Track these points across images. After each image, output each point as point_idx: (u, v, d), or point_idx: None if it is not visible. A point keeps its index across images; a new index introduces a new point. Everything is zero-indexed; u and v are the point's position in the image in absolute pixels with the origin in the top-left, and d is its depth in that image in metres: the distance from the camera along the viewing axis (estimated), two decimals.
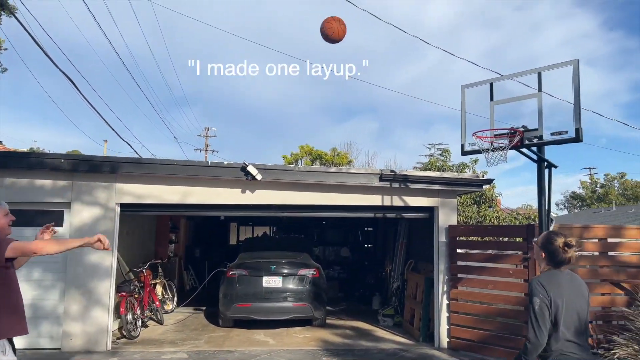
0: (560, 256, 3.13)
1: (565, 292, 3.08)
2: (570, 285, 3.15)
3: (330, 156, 24.47)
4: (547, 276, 3.17)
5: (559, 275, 3.15)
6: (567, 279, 3.17)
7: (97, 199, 7.88)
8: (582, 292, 3.18)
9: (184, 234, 14.54)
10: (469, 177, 8.04)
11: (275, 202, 8.31)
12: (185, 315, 10.64)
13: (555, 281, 3.11)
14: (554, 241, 3.16)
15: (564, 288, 3.10)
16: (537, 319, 3.02)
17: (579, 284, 3.21)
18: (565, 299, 3.06)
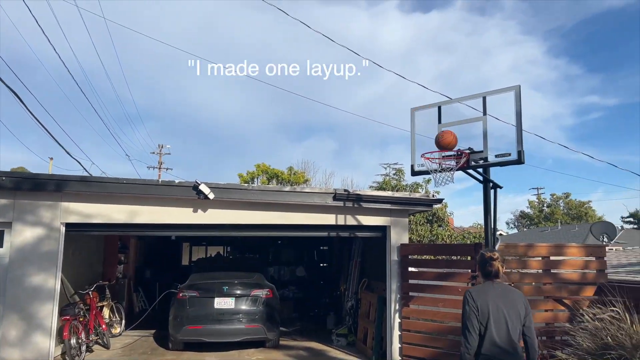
0: (487, 269, 3.63)
1: (493, 302, 3.49)
2: (500, 296, 3.55)
3: (287, 175, 24.46)
4: (478, 288, 3.66)
5: (489, 287, 3.60)
6: (497, 290, 3.60)
7: (41, 219, 7.57)
8: (513, 303, 3.56)
9: (134, 254, 14.11)
10: (420, 197, 8.23)
11: (229, 221, 8.23)
12: (133, 338, 10.27)
13: (484, 292, 3.57)
14: (484, 255, 3.70)
15: (493, 298, 3.51)
16: (467, 325, 3.48)
17: (510, 295, 3.62)
18: (492, 308, 3.47)
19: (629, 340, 5.30)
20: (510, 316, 3.50)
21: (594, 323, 5.73)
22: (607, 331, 5.51)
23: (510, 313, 3.51)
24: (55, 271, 7.55)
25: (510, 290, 3.69)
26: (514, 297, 3.61)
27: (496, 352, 3.42)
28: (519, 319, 3.56)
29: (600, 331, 5.59)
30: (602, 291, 6.79)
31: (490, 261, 3.63)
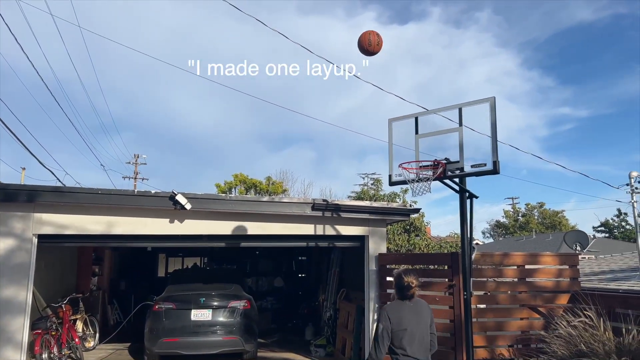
0: (404, 292, 4.01)
1: (407, 319, 3.91)
2: (413, 312, 3.98)
3: (265, 185, 24.37)
4: (393, 306, 4.06)
5: (403, 305, 4.01)
6: (411, 307, 4.01)
7: (12, 230, 7.38)
8: (423, 317, 4.02)
9: (109, 265, 13.84)
10: (397, 207, 8.29)
11: (206, 232, 8.15)
12: (107, 352, 10.04)
13: (399, 309, 3.98)
14: (403, 280, 4.02)
15: (407, 315, 3.94)
16: (378, 340, 3.86)
17: (421, 310, 4.06)
18: (406, 323, 3.88)
19: (602, 346, 5.41)
20: (422, 330, 3.98)
21: (568, 330, 5.84)
22: (580, 338, 5.62)
23: (422, 328, 3.99)
24: (27, 283, 7.36)
25: (420, 305, 4.12)
26: (424, 312, 4.08)
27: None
28: (428, 332, 4.05)
29: (574, 338, 5.70)
30: (575, 299, 6.92)
31: (409, 287, 4.02)
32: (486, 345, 7.14)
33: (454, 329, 7.09)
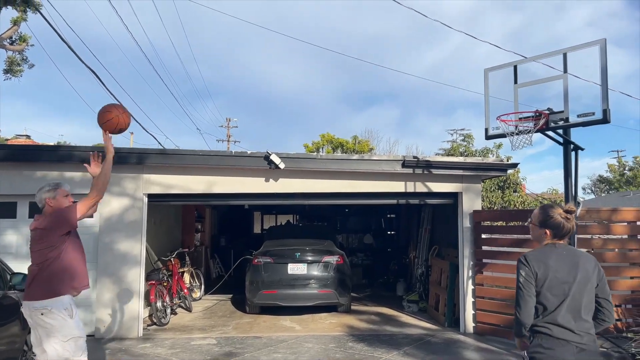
0: (565, 228, 2.95)
1: (558, 269, 2.87)
2: (569, 262, 2.91)
3: (352, 144, 24.43)
4: (537, 252, 2.98)
5: (553, 251, 2.94)
6: (564, 255, 2.94)
7: (125, 190, 8.06)
8: (584, 272, 2.88)
9: (209, 223, 14.76)
10: (493, 162, 7.96)
11: (299, 190, 8.38)
12: (212, 302, 10.85)
13: (545, 257, 2.93)
14: (554, 214, 2.98)
15: (557, 264, 2.89)
16: (521, 295, 2.87)
17: (580, 261, 2.92)
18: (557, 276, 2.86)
19: None
20: (581, 284, 2.86)
21: None
22: None
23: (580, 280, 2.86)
24: (141, 238, 8.06)
25: (578, 254, 3.01)
26: (584, 261, 2.94)
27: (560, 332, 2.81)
28: (592, 286, 2.90)
29: None
30: None
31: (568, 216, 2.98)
32: None
33: None
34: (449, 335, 7.78)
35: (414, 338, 7.68)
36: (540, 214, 3.05)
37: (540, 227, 3.01)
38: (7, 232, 8.03)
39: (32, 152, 8.12)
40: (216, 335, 7.90)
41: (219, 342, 7.45)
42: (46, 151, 8.02)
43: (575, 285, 2.84)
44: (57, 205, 3.85)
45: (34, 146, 8.50)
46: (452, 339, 7.59)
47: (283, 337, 7.75)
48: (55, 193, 3.89)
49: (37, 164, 8.01)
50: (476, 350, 6.91)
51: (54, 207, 3.84)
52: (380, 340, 7.48)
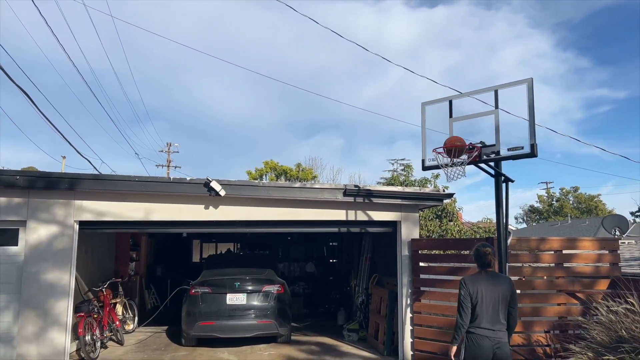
0: (483, 260, 4.43)
1: (483, 288, 4.28)
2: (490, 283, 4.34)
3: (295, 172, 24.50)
4: (472, 276, 4.43)
5: (481, 275, 4.40)
6: (488, 277, 4.39)
7: (55, 217, 7.65)
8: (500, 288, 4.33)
9: (145, 251, 14.20)
10: (430, 192, 8.22)
11: (240, 217, 8.27)
12: (146, 335, 10.36)
13: (477, 280, 4.35)
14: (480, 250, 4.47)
15: (484, 285, 4.30)
16: (462, 306, 4.28)
17: (498, 281, 4.40)
18: (483, 293, 4.26)
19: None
20: (497, 299, 4.29)
21: (608, 316, 5.70)
22: (621, 324, 5.49)
23: (497, 298, 4.29)
24: (70, 268, 7.64)
25: (498, 277, 4.52)
26: (503, 284, 4.40)
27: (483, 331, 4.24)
28: (506, 300, 4.34)
29: (615, 324, 5.56)
30: (616, 284, 6.76)
31: (485, 254, 4.45)
32: (522, 331, 7.06)
33: None
34: None
35: None
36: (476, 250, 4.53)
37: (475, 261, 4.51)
38: None
39: None
40: None
41: None
42: None
43: (496, 300, 4.26)
44: None
45: None
46: None
47: None
48: None
49: None
50: None
51: None
52: None
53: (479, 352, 4.20)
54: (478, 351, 4.20)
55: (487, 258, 4.42)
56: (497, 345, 4.22)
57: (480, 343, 4.20)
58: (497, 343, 4.22)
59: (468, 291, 4.28)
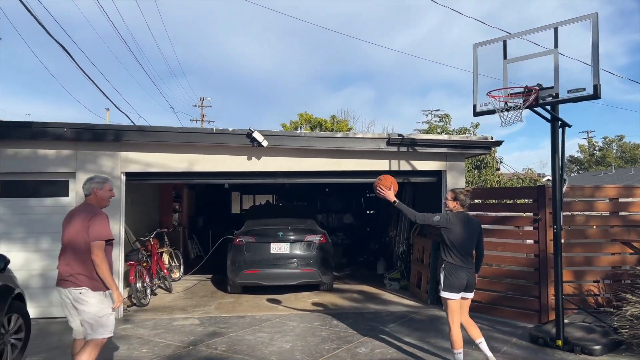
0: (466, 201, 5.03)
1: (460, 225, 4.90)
2: (466, 222, 4.96)
3: (330, 123, 24.26)
4: (455, 213, 5.01)
5: (461, 214, 5.00)
6: (465, 217, 5.01)
7: (102, 168, 7.78)
8: (474, 228, 5.02)
9: (187, 203, 14.49)
10: (478, 139, 7.94)
11: (281, 169, 8.24)
12: (192, 282, 10.69)
13: (457, 217, 4.96)
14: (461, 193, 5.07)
15: (461, 223, 4.92)
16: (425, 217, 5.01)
17: (472, 221, 5.05)
18: (459, 230, 4.89)
19: None
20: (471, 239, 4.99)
21: None
22: None
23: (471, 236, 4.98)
24: (119, 218, 7.82)
25: (471, 218, 5.11)
26: (474, 225, 5.06)
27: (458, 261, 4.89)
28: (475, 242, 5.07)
29: None
30: None
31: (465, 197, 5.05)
32: (573, 280, 6.92)
33: (539, 264, 6.91)
34: (432, 312, 7.83)
35: (398, 315, 7.71)
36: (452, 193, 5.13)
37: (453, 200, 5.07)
38: None
39: (3, 128, 7.72)
40: (199, 315, 7.77)
41: (202, 322, 7.33)
42: (18, 127, 7.64)
43: (468, 237, 4.94)
44: (102, 196, 4.45)
45: (5, 122, 8.10)
46: (435, 315, 7.63)
47: (267, 316, 7.67)
48: (103, 185, 4.49)
49: (8, 140, 7.65)
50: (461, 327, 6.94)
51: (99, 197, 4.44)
52: (365, 318, 7.48)
53: (455, 281, 4.87)
54: (455, 280, 4.87)
55: (466, 199, 5.03)
56: (468, 273, 4.93)
57: (457, 271, 4.88)
58: (467, 271, 4.92)
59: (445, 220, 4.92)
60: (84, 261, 4.12)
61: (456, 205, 5.04)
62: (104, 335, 4.22)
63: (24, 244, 7.67)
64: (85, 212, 4.27)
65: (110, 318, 4.27)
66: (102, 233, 4.16)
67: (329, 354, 5.70)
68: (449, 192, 5.18)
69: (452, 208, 5.05)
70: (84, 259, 4.12)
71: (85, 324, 4.18)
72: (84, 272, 4.13)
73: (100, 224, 4.17)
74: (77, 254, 4.15)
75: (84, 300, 4.14)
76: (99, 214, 4.26)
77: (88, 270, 4.13)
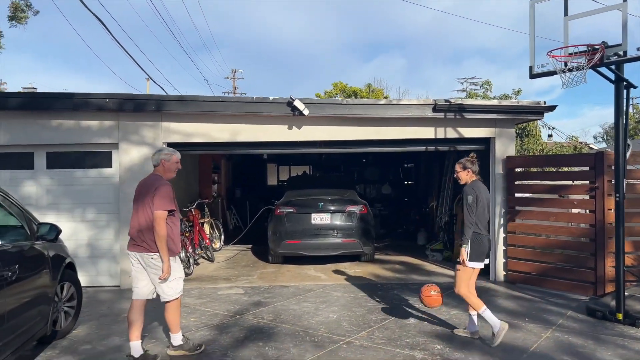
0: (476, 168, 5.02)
1: (483, 194, 4.88)
2: (484, 189, 4.95)
3: (365, 92, 23.81)
4: (474, 184, 4.95)
5: (480, 184, 4.98)
6: (481, 184, 4.99)
7: (145, 139, 7.77)
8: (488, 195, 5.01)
9: (225, 174, 14.55)
10: (530, 104, 7.53)
11: (322, 138, 8.07)
12: (233, 252, 10.77)
13: (479, 187, 4.92)
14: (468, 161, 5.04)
15: (483, 192, 4.92)
16: (470, 210, 4.79)
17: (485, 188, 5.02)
18: (484, 199, 4.88)
19: None
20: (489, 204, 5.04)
21: None
22: None
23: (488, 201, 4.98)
24: None
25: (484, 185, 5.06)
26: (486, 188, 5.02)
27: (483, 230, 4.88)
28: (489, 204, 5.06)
29: None
30: None
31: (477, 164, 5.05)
32: (632, 251, 6.57)
33: (595, 234, 6.58)
34: (479, 284, 7.53)
35: (444, 287, 7.39)
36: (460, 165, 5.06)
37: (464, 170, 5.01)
38: (26, 184, 7.82)
39: (46, 99, 7.77)
40: (242, 284, 7.79)
41: (246, 291, 7.34)
42: (61, 99, 7.68)
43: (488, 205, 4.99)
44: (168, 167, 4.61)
45: (47, 93, 8.16)
46: (483, 287, 7.42)
47: (310, 286, 7.63)
48: (170, 157, 4.64)
49: (52, 112, 7.71)
50: (511, 298, 6.75)
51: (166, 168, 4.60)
52: (410, 289, 7.34)
53: (483, 249, 4.86)
54: (483, 248, 4.85)
55: (476, 166, 5.01)
56: (489, 241, 5.00)
57: (483, 240, 4.85)
58: (489, 240, 4.98)
59: (476, 196, 4.80)
60: (152, 228, 4.30)
61: (469, 174, 4.99)
62: (174, 296, 4.47)
63: (71, 214, 7.79)
64: (152, 182, 4.44)
65: (180, 282, 4.51)
66: (165, 204, 4.29)
67: (377, 325, 5.60)
68: (457, 165, 5.10)
69: (467, 179, 4.99)
70: (152, 226, 4.30)
71: (157, 287, 4.45)
72: (154, 238, 4.30)
73: (164, 195, 4.31)
74: (147, 221, 4.34)
75: (155, 265, 4.36)
76: (164, 185, 4.39)
77: None
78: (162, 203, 4.29)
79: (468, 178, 5.00)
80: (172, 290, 4.47)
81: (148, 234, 4.35)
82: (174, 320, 4.56)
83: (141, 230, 4.38)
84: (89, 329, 5.59)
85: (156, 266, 4.38)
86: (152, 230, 4.31)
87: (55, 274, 4.87)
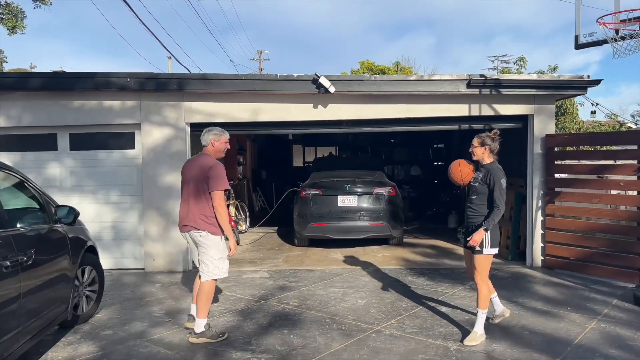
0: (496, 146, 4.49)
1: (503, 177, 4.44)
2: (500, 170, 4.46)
3: (394, 70, 23.24)
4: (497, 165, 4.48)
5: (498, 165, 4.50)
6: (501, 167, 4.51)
7: (167, 119, 7.59)
8: None
9: (250, 156, 14.38)
10: (572, 78, 7.02)
11: (349, 117, 7.73)
12: (259, 235, 10.61)
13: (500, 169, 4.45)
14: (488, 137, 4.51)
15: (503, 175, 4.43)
16: (502, 193, 4.32)
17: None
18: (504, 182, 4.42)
19: None
20: None
21: None
22: None
23: None
24: None
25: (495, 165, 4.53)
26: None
27: None
28: None
29: None
30: None
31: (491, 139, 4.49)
32: None
33: None
34: (515, 269, 7.27)
35: None
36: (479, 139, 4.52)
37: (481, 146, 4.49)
38: (50, 165, 7.75)
39: (68, 80, 7.63)
40: (267, 268, 7.61)
41: (271, 275, 7.15)
42: (82, 79, 7.53)
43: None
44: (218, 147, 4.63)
45: (69, 73, 8.02)
46: (519, 272, 7.07)
47: (337, 270, 7.39)
48: (220, 137, 4.66)
49: (74, 92, 7.58)
50: (550, 285, 6.37)
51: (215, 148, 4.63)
52: (441, 274, 7.04)
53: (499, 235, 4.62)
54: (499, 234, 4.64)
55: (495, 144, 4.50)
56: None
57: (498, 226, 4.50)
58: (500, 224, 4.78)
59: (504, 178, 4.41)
60: (202, 207, 4.38)
61: (486, 152, 4.48)
62: (218, 275, 4.49)
63: (95, 196, 7.71)
64: (204, 162, 4.46)
65: (225, 261, 4.55)
66: (221, 183, 4.35)
67: (407, 313, 5.33)
68: (475, 139, 4.55)
69: (482, 157, 4.49)
70: (202, 205, 4.38)
71: (202, 264, 4.50)
72: (203, 217, 4.38)
73: (219, 175, 4.36)
74: (197, 200, 4.40)
75: (203, 242, 4.44)
76: (218, 164, 4.42)
77: (207, 216, 4.38)
78: (218, 183, 4.34)
79: (484, 156, 4.50)
80: (218, 270, 4.49)
81: (198, 212, 4.40)
82: (205, 304, 4.50)
83: (191, 209, 4.44)
84: (111, 313, 5.48)
85: (204, 244, 4.45)
86: (202, 210, 4.38)
87: (75, 257, 4.74)
